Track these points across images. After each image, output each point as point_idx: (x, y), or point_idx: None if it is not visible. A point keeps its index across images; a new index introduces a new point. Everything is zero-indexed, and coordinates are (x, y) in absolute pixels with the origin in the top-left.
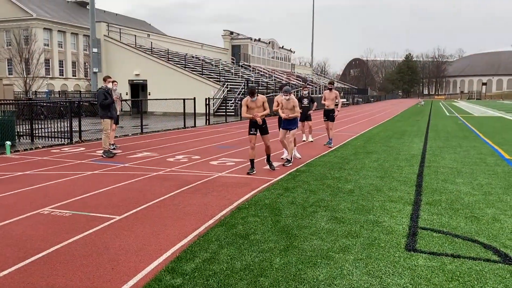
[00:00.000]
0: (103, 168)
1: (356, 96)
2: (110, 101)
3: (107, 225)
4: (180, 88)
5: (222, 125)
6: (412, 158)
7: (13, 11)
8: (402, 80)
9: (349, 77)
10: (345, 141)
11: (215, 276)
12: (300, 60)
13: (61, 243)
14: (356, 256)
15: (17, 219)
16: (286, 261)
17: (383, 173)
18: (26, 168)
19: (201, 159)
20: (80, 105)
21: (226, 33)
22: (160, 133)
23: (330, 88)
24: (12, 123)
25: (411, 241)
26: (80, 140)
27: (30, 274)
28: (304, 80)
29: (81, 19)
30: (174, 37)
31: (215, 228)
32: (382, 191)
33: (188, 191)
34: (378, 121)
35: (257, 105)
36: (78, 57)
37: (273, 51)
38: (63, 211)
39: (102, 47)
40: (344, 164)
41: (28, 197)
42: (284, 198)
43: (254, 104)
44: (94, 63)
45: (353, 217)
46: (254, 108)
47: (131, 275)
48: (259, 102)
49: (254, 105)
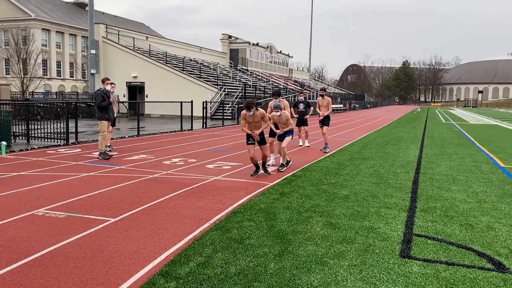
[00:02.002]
0: (99, 170)
1: (353, 102)
2: (107, 103)
3: (102, 227)
4: (177, 91)
5: (219, 129)
6: (407, 165)
7: (12, 11)
8: (399, 86)
9: (346, 82)
10: (342, 146)
11: (209, 281)
12: (298, 65)
13: (55, 245)
14: (351, 262)
15: (11, 220)
16: (280, 266)
17: (378, 179)
18: (21, 169)
19: (197, 163)
20: (77, 106)
21: (225, 36)
22: (157, 136)
23: (322, 95)
24: (8, 123)
25: (406, 248)
26: (77, 142)
27: (22, 275)
28: (301, 85)
29: (80, 21)
30: (172, 40)
31: (210, 232)
32: (378, 197)
33: (184, 194)
34: (375, 127)
35: (255, 120)
36: (76, 58)
37: (271, 55)
38: (57, 213)
39: (100, 48)
40: (340, 169)
41: (22, 198)
42: (280, 203)
43: (252, 118)
44: (92, 64)
45: (348, 223)
46: (252, 122)
47: (125, 278)
48: (257, 117)
49: (251, 119)
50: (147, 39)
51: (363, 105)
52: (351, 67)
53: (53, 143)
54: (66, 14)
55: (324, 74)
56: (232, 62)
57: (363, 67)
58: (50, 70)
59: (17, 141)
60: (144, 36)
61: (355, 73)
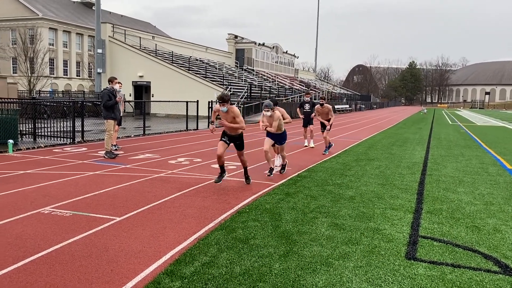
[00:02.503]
0: (104, 168)
1: (359, 102)
2: (114, 102)
3: (107, 226)
4: (183, 90)
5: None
6: (413, 166)
7: (20, 10)
8: (405, 87)
9: (352, 83)
10: (347, 147)
11: (214, 280)
12: (304, 65)
13: (61, 243)
14: (356, 263)
15: (17, 218)
16: (285, 266)
17: (384, 181)
18: (28, 167)
19: (202, 162)
20: (83, 105)
21: (231, 36)
22: (162, 135)
23: (322, 104)
24: (15, 121)
25: (412, 249)
26: (83, 140)
27: (29, 273)
28: (307, 85)
29: (87, 20)
30: (178, 39)
31: (215, 231)
32: (383, 198)
33: (189, 193)
34: (381, 128)
35: (227, 119)
36: (82, 57)
37: (277, 55)
38: (63, 211)
39: (107, 48)
40: (346, 170)
41: (29, 196)
42: (285, 203)
43: (225, 116)
44: (98, 63)
45: (354, 224)
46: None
47: (130, 277)
48: (229, 117)
49: (224, 117)
50: (153, 38)
51: (369, 105)
52: (357, 68)
53: (60, 141)
54: (73, 13)
55: (330, 75)
56: (238, 62)
57: (369, 67)
58: (56, 69)
59: (24, 139)
60: (150, 35)
61: (361, 74)
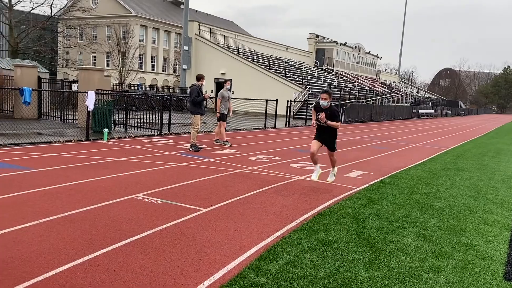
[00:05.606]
0: (190, 161)
1: (445, 108)
2: (202, 99)
3: (194, 216)
4: (262, 88)
5: (301, 128)
6: (509, 180)
7: (115, 8)
8: (498, 94)
9: (438, 87)
10: (433, 155)
11: (299, 280)
12: (386, 66)
13: (152, 229)
14: (448, 278)
15: (113, 201)
16: (371, 274)
17: (476, 193)
18: (121, 155)
19: (281, 161)
20: (171, 99)
21: (312, 36)
22: (241, 132)
23: None
24: (110, 112)
25: (511, 270)
26: (169, 133)
27: (125, 254)
28: (389, 87)
29: (175, 18)
30: (260, 38)
31: (297, 231)
32: (476, 212)
33: (269, 191)
34: (470, 136)
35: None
36: (169, 54)
37: (359, 56)
38: (154, 199)
39: (193, 45)
40: (433, 179)
41: (122, 182)
42: (368, 209)
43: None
44: (184, 60)
45: (444, 236)
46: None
47: (217, 268)
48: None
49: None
50: (236, 37)
51: (456, 112)
52: (444, 71)
53: (148, 132)
54: (162, 11)
55: (414, 77)
56: (317, 61)
57: (458, 71)
58: (145, 64)
59: (116, 128)
60: (233, 34)
61: (448, 78)
